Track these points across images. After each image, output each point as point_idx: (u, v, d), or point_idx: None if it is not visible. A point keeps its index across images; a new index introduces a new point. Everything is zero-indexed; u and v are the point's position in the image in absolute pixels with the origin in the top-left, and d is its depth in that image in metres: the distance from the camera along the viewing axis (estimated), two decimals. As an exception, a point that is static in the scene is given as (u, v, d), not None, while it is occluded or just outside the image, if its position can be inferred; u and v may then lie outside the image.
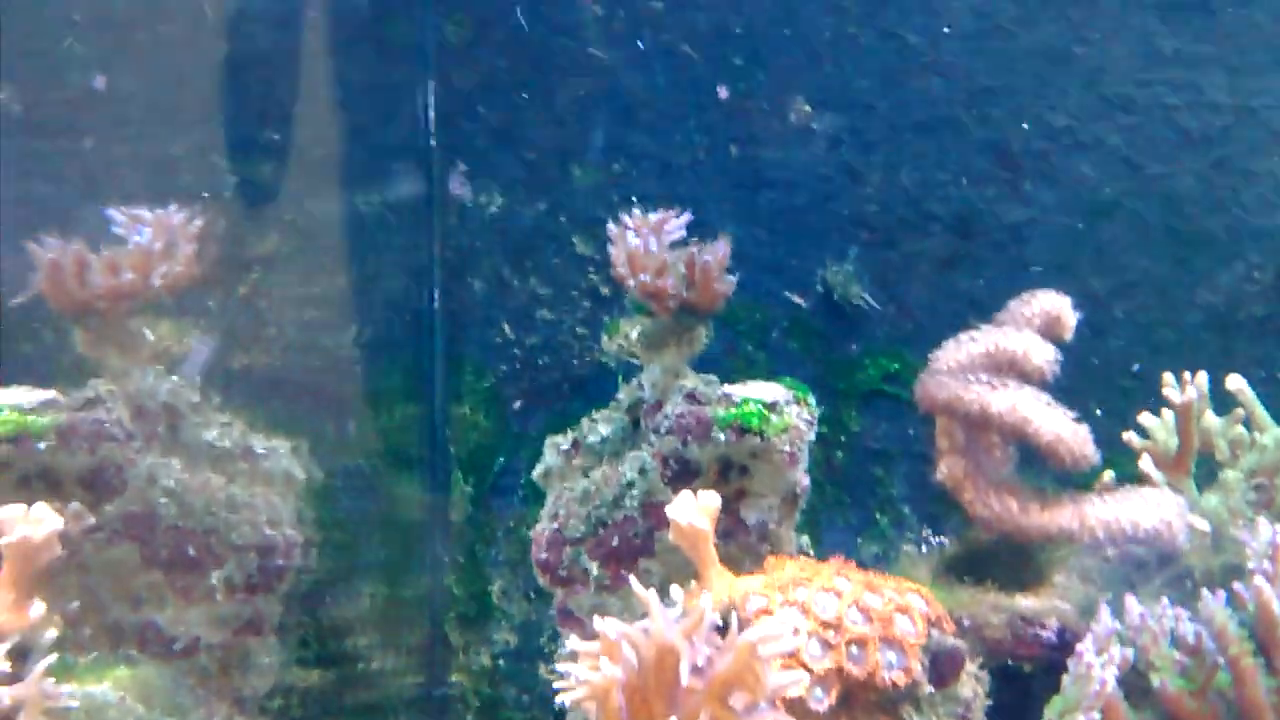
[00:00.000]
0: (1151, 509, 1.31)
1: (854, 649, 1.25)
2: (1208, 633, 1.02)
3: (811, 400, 1.68)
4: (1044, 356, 1.43)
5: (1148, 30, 2.00)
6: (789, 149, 2.08)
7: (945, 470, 1.47)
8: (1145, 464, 1.52)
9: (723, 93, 2.07)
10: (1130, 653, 1.08)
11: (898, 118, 2.07)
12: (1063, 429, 1.36)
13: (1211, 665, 1.01)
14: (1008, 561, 1.54)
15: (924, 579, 1.59)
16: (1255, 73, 1.99)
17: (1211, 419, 1.58)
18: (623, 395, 1.76)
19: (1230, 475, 1.48)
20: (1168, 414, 1.58)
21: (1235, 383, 1.58)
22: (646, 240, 1.63)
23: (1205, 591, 1.05)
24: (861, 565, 1.76)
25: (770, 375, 1.79)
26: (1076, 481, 1.48)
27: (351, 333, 2.01)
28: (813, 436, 1.67)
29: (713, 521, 1.34)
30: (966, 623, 1.41)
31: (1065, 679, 1.15)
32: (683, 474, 1.62)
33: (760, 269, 2.09)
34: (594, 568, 1.66)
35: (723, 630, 1.03)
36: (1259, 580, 1.01)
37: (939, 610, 1.35)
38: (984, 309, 1.76)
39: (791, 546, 1.68)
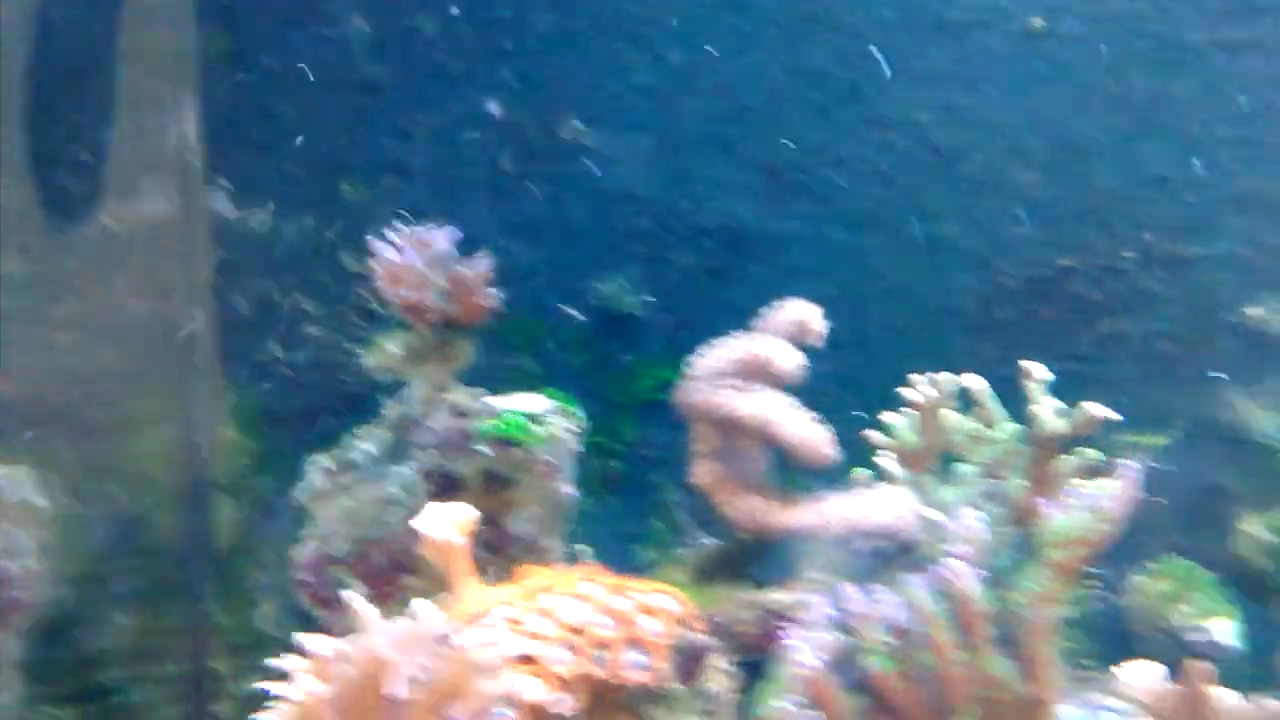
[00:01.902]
0: (884, 504, 1.37)
1: (599, 652, 1.26)
2: (911, 615, 1.07)
3: (577, 410, 1.70)
4: (790, 361, 1.48)
5: (900, 50, 2.10)
6: (562, 165, 2.11)
7: (698, 474, 1.51)
8: (886, 461, 1.59)
9: (495, 109, 2.08)
10: (839, 638, 1.12)
11: (667, 135, 2.12)
12: (804, 430, 1.41)
13: (915, 646, 1.06)
14: (764, 559, 1.58)
15: (686, 580, 1.63)
16: (998, 90, 2.12)
17: (953, 417, 1.66)
18: (388, 411, 1.74)
19: (965, 469, 1.56)
20: (912, 413, 1.65)
21: (973, 382, 1.66)
22: (407, 255, 1.62)
23: (908, 576, 1.11)
24: (638, 571, 1.78)
25: (547, 388, 1.80)
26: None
27: (102, 355, 1.93)
28: (578, 446, 1.68)
29: (465, 533, 1.34)
30: (719, 620, 1.44)
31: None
32: (446, 488, 1.61)
33: (535, 283, 2.10)
34: (356, 586, 1.63)
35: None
36: (953, 562, 1.07)
37: (689, 609, 1.38)
38: (753, 318, 1.82)
39: (559, 556, 1.69)
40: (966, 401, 1.65)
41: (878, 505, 1.34)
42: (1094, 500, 1.08)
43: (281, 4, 2.03)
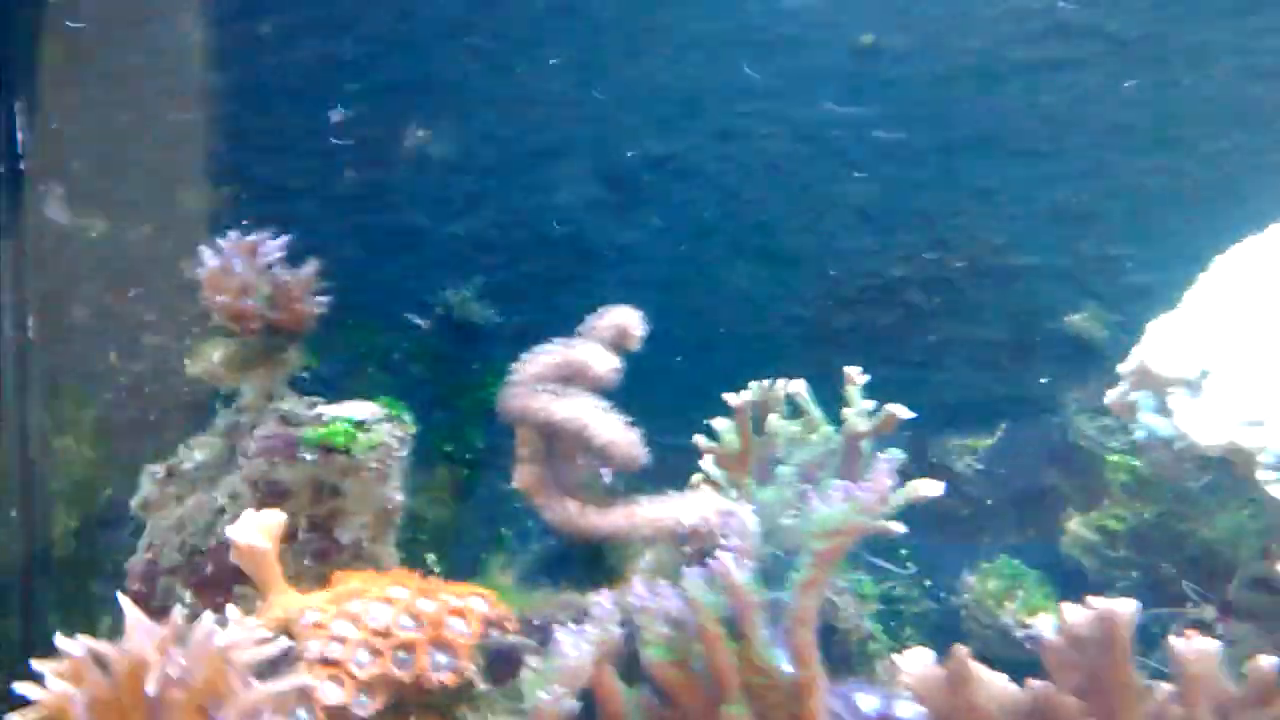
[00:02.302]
0: (694, 506, 1.42)
1: (401, 654, 1.28)
2: (687, 607, 1.11)
3: (407, 417, 1.72)
4: (606, 366, 1.52)
5: (737, 63, 2.16)
6: (406, 173, 2.12)
7: (519, 477, 1.54)
8: (707, 464, 1.64)
9: (337, 117, 2.09)
10: (617, 631, 1.16)
11: (513, 145, 2.15)
12: (615, 433, 1.45)
13: (690, 636, 1.10)
14: (590, 561, 1.62)
15: (514, 583, 1.65)
16: (832, 103, 2.18)
17: (777, 421, 1.71)
18: (220, 420, 1.74)
19: (784, 470, 1.61)
20: (735, 417, 1.70)
21: (795, 387, 1.71)
22: (233, 262, 1.63)
23: (685, 569, 1.15)
24: (476, 576, 1.80)
25: (386, 396, 1.82)
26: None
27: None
28: (405, 453, 1.70)
29: (273, 539, 1.35)
30: (537, 621, 1.47)
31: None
32: (273, 496, 1.62)
33: (381, 291, 2.11)
34: (188, 596, 1.63)
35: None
36: (724, 555, 1.12)
37: (501, 611, 1.41)
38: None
39: (391, 562, 1.70)
40: (794, 406, 1.71)
41: (688, 508, 1.39)
42: (851, 493, 1.14)
43: (119, 8, 2.02)
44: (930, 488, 1.52)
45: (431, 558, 2.07)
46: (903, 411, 1.49)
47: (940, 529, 2.24)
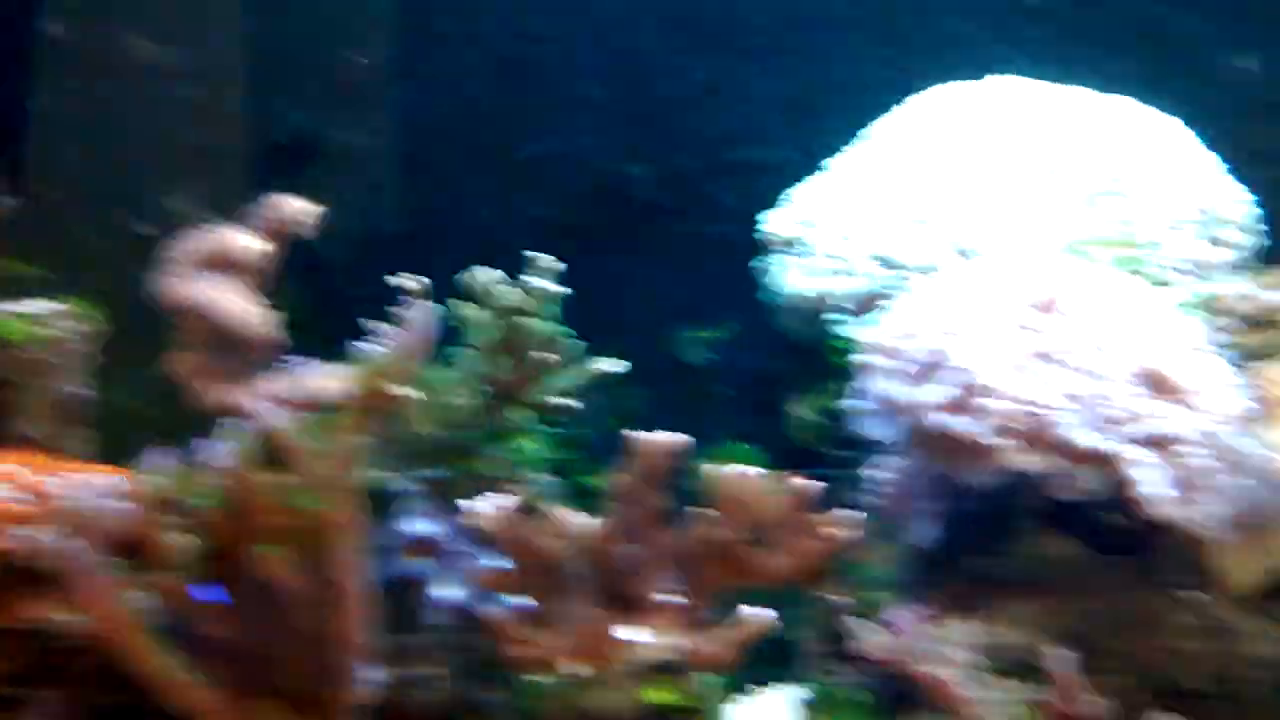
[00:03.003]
0: (319, 380, 1.45)
1: (16, 528, 1.31)
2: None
3: (93, 314, 1.74)
4: (252, 250, 1.55)
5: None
6: (117, 75, 2.10)
7: (170, 362, 1.57)
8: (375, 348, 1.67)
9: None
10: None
11: (231, 47, 2.14)
12: (243, 313, 1.48)
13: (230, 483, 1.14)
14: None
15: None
16: (562, 4, 2.21)
17: (465, 307, 1.74)
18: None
19: (464, 352, 1.64)
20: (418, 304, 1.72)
21: (484, 275, 1.74)
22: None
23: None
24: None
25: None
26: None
27: None
28: (90, 348, 1.72)
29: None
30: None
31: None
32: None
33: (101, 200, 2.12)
34: None
35: None
36: (261, 403, 1.17)
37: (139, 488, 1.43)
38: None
39: (74, 453, 1.73)
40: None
41: (308, 383, 1.42)
42: (396, 338, 1.18)
43: None
44: (612, 365, 1.58)
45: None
46: (554, 287, 1.53)
47: (675, 419, 2.30)
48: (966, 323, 1.21)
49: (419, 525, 1.48)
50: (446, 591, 1.40)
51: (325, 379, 1.45)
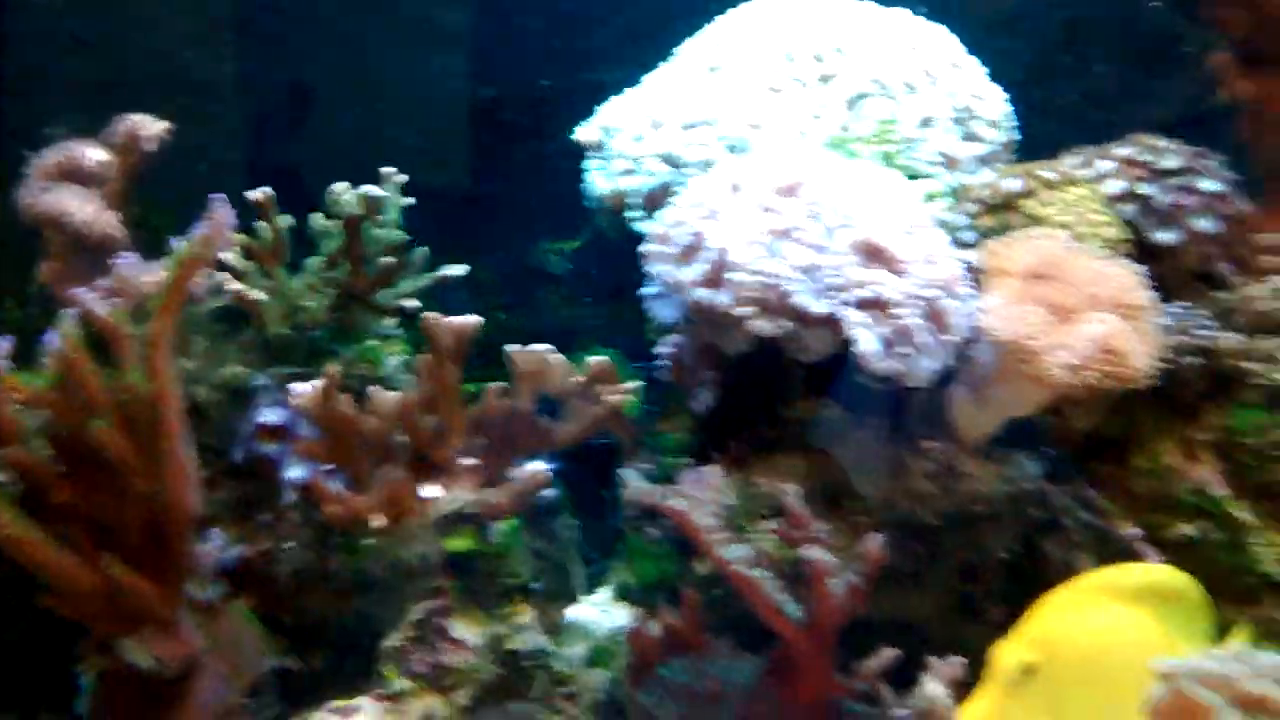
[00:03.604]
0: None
1: None
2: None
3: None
4: (96, 159, 1.68)
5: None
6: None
7: (42, 273, 1.71)
8: (233, 256, 1.81)
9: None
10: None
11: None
12: (93, 218, 1.62)
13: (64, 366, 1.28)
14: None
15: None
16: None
17: (314, 217, 1.87)
18: None
19: (311, 261, 1.78)
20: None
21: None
22: None
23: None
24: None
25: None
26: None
27: None
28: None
29: None
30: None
31: None
32: None
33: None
34: None
35: None
36: (82, 293, 1.31)
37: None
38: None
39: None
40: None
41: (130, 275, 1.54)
42: (198, 231, 1.33)
43: None
44: (454, 270, 1.73)
45: None
46: (378, 193, 1.67)
47: (538, 327, 2.47)
48: (722, 208, 1.38)
49: (270, 414, 1.63)
50: (295, 472, 1.55)
51: (146, 273, 1.58)
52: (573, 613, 1.66)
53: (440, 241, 1.93)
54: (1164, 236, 1.55)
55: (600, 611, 1.67)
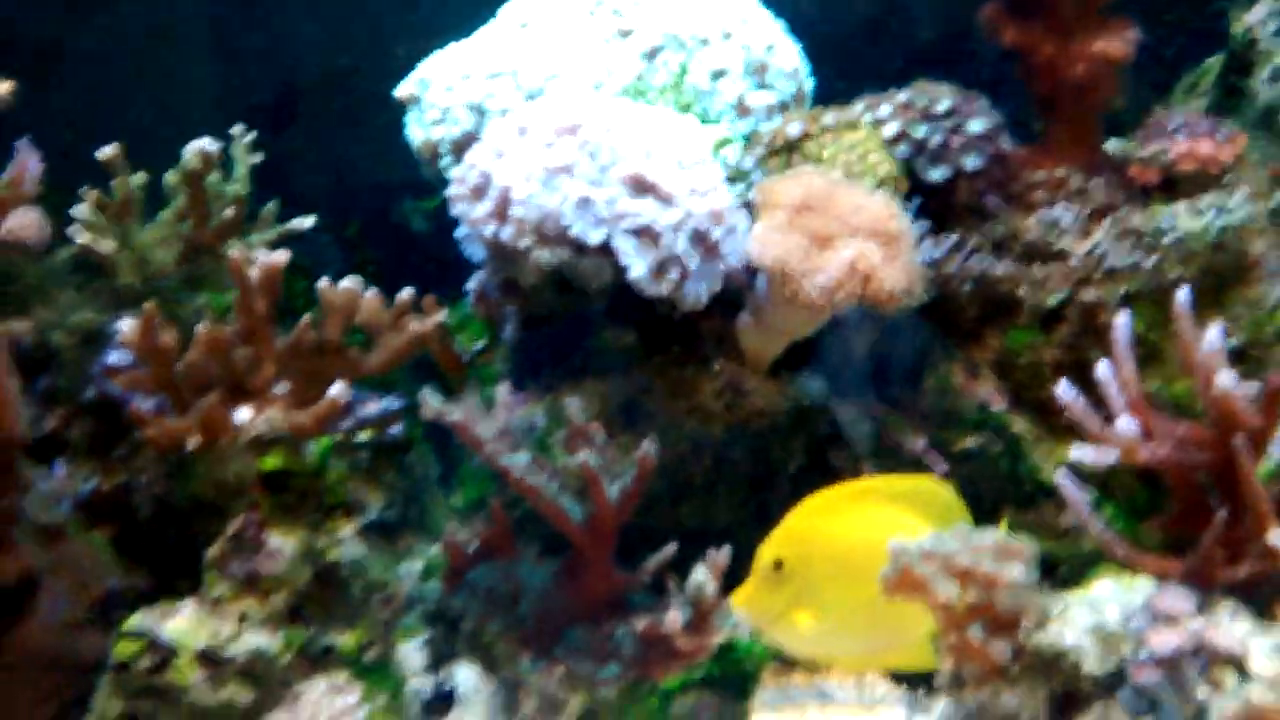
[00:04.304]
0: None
1: None
2: None
3: None
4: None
5: None
6: None
7: None
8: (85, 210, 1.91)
9: None
10: None
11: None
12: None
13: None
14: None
15: None
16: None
17: (167, 175, 1.97)
18: None
19: (162, 213, 1.87)
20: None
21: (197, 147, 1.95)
22: None
23: None
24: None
25: None
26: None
27: None
28: None
29: None
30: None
31: None
32: None
33: None
34: None
35: None
36: None
37: None
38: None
39: None
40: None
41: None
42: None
43: None
44: (301, 222, 1.83)
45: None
46: (205, 148, 1.76)
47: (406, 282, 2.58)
48: (508, 149, 1.50)
49: (116, 356, 1.72)
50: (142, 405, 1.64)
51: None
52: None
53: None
54: (935, 174, 1.68)
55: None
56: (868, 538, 1.44)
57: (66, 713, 1.41)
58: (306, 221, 2.00)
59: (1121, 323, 1.30)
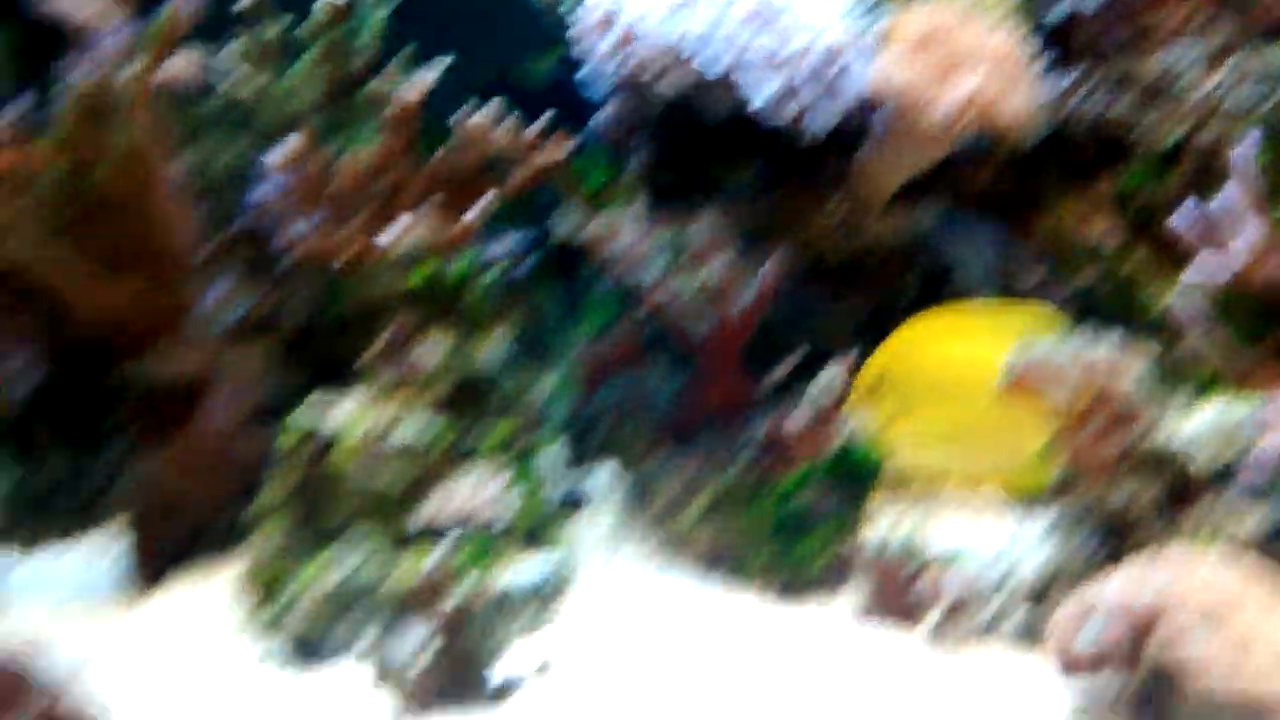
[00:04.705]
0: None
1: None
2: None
3: None
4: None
5: None
6: None
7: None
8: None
9: None
10: None
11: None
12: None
13: None
14: None
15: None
16: None
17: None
18: None
19: None
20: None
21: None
22: None
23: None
24: None
25: None
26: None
27: None
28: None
29: None
30: None
31: None
32: None
33: None
34: None
35: None
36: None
37: None
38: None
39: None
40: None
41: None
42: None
43: None
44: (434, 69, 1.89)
45: None
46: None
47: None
48: (636, -14, 1.55)
49: (265, 189, 1.82)
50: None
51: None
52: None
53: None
54: (1054, 13, 1.70)
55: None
56: (970, 355, 1.51)
57: (234, 503, 1.55)
58: (435, 70, 2.07)
59: (1248, 144, 1.32)
